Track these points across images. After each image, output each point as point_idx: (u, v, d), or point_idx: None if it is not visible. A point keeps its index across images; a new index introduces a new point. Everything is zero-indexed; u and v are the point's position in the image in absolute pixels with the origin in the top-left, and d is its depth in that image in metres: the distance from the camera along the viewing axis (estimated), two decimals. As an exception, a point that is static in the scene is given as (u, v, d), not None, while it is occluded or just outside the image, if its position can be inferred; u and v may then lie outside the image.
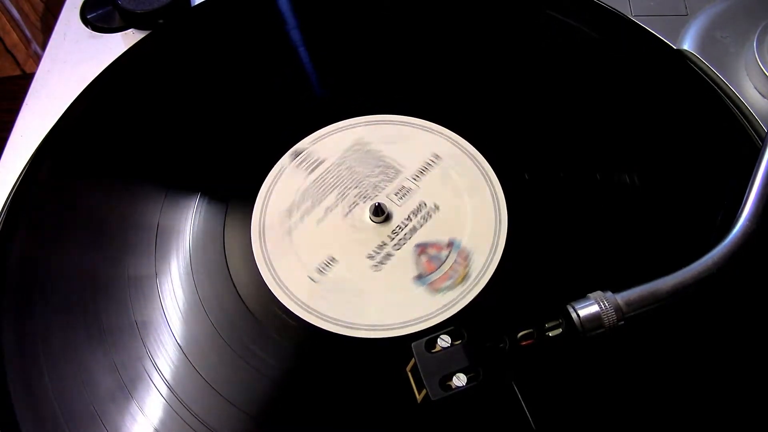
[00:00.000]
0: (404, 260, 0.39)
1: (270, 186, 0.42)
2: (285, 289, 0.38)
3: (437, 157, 0.43)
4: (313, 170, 0.42)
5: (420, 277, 0.38)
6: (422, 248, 0.39)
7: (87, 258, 0.40)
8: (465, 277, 0.38)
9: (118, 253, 0.40)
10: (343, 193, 0.42)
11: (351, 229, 0.40)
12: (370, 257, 0.39)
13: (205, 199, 0.42)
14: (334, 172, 0.42)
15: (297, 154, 0.42)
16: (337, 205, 0.41)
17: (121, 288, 0.38)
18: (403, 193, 0.42)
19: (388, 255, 0.39)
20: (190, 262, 0.39)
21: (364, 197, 0.41)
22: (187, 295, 0.38)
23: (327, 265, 0.39)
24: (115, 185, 0.43)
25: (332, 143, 0.44)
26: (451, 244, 0.39)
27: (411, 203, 0.41)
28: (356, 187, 0.42)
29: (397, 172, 0.42)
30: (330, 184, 0.42)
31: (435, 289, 0.37)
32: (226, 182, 0.43)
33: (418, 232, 0.40)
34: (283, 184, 0.42)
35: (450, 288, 0.37)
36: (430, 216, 0.40)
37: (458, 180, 0.42)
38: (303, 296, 0.38)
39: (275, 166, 0.43)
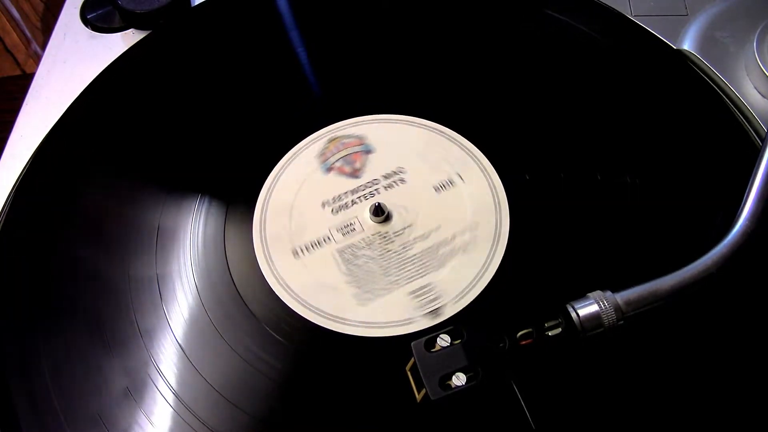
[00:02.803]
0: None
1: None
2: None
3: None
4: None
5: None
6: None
7: (88, 259, 0.40)
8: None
9: (119, 254, 0.40)
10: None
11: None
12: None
13: (206, 199, 0.42)
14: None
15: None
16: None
17: (122, 289, 0.38)
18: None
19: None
20: (192, 263, 0.39)
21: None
22: (189, 296, 0.38)
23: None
24: (116, 185, 0.43)
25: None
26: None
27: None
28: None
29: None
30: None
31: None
32: (227, 182, 0.43)
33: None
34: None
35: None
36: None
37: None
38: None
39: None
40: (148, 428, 0.34)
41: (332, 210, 0.41)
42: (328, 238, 0.40)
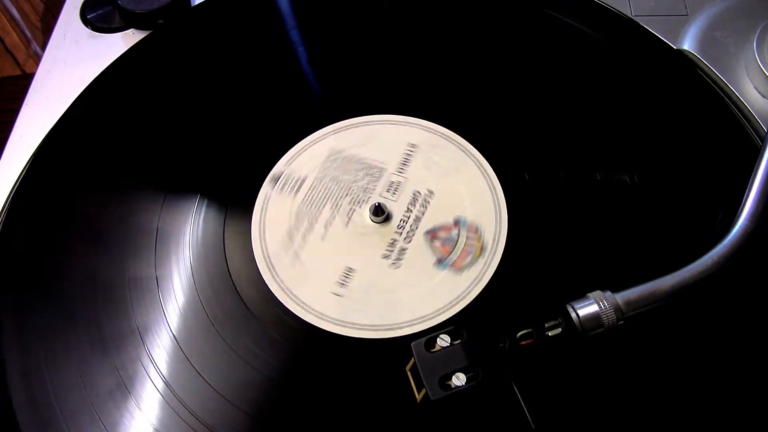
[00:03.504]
0: (419, 250, 0.39)
1: (261, 215, 0.41)
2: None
3: (413, 145, 0.43)
4: (298, 191, 0.42)
5: (440, 262, 0.38)
6: (432, 234, 0.39)
7: (87, 258, 0.40)
8: (482, 249, 0.38)
9: (118, 254, 0.40)
10: (337, 204, 0.41)
11: (357, 236, 0.40)
12: (386, 257, 0.39)
13: (205, 200, 0.42)
14: (320, 187, 0.42)
15: (276, 179, 0.41)
16: (334, 217, 0.41)
17: (121, 289, 0.38)
18: (394, 188, 0.42)
19: (402, 250, 0.39)
20: (191, 262, 0.39)
21: (359, 202, 0.41)
22: (187, 296, 0.38)
23: (346, 278, 0.38)
24: (116, 185, 0.43)
25: (307, 159, 0.43)
26: (458, 223, 0.39)
27: (405, 195, 0.41)
28: (347, 194, 0.41)
29: (381, 169, 0.42)
30: (320, 199, 0.41)
31: (458, 268, 0.38)
32: (227, 182, 0.43)
33: (422, 220, 0.40)
34: (274, 211, 0.41)
35: (471, 263, 0.38)
36: (428, 202, 0.41)
37: (442, 162, 0.42)
38: (335, 314, 0.37)
39: (259, 194, 0.42)
40: (146, 427, 0.34)
41: (416, 204, 0.41)
42: (381, 169, 0.42)
